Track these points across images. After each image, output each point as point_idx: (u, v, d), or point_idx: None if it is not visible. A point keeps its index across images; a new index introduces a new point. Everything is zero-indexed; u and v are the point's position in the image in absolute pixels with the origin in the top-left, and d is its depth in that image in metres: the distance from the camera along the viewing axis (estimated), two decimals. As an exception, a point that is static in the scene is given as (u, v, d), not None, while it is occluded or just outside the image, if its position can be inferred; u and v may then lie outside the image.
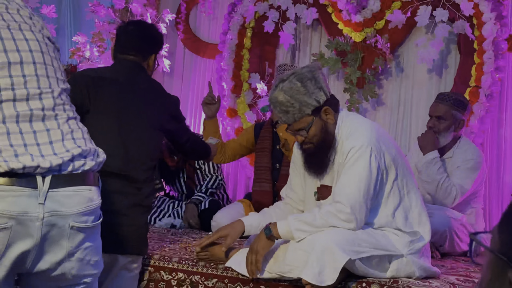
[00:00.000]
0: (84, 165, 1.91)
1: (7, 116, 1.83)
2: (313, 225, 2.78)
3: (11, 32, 1.92)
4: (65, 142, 1.90)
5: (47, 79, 1.93)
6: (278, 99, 2.85)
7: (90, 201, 1.92)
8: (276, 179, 4.14)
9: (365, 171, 2.80)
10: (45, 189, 1.82)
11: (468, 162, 3.88)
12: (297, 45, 5.45)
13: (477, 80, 4.55)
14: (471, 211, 3.96)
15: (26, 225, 1.80)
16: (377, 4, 4.89)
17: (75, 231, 1.88)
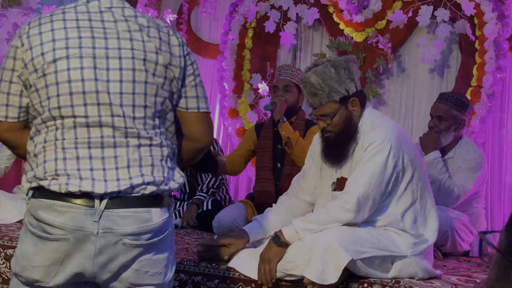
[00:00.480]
0: (145, 189, 2.01)
1: (79, 142, 1.98)
2: (317, 222, 2.79)
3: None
4: (131, 169, 2.00)
5: (120, 107, 1.99)
6: (310, 80, 2.87)
7: (146, 222, 2.01)
8: (278, 179, 4.13)
9: (380, 166, 2.81)
10: (101, 209, 1.96)
11: (469, 162, 3.88)
12: (298, 45, 5.45)
13: (479, 80, 4.55)
14: (472, 211, 3.96)
15: (82, 239, 1.96)
16: (378, 4, 4.89)
17: (129, 247, 2.00)
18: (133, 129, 2.01)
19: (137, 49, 2.02)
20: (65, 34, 2.00)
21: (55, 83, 1.98)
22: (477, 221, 3.96)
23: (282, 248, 2.82)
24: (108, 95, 1.98)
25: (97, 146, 1.99)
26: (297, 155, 3.91)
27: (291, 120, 4.12)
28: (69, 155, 1.98)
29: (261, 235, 3.10)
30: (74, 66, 1.98)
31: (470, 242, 3.82)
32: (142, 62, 2.01)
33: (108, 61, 2.00)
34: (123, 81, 2.00)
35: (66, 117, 1.98)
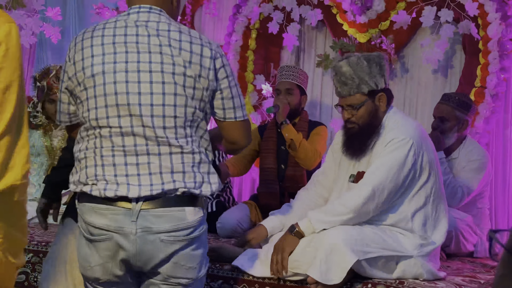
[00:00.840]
0: (177, 191, 2.17)
1: (115, 150, 2.16)
2: (333, 213, 2.80)
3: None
4: (163, 175, 2.17)
5: (151, 118, 2.16)
6: (342, 69, 2.93)
7: (180, 220, 2.18)
8: (282, 180, 4.13)
9: (400, 161, 2.84)
10: (137, 210, 2.15)
11: (473, 162, 3.88)
12: (301, 46, 5.45)
13: (482, 81, 4.54)
14: (476, 211, 3.95)
15: (123, 238, 2.15)
16: (382, 5, 4.88)
17: (167, 243, 2.17)
18: (163, 138, 2.16)
19: (166, 63, 2.16)
20: (102, 50, 2.16)
21: (93, 97, 2.16)
22: (481, 221, 3.96)
23: (296, 238, 2.84)
24: (139, 107, 2.15)
25: (131, 154, 2.17)
26: (301, 157, 3.91)
27: (294, 122, 4.12)
28: (107, 162, 2.17)
29: (278, 228, 3.14)
30: (108, 81, 2.15)
31: (474, 242, 3.81)
32: (171, 75, 2.16)
33: (139, 75, 2.15)
34: (153, 93, 2.15)
35: (103, 127, 2.17)
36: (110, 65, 2.16)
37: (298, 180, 4.05)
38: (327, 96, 5.31)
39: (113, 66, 2.16)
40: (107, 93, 2.15)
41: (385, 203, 2.85)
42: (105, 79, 2.15)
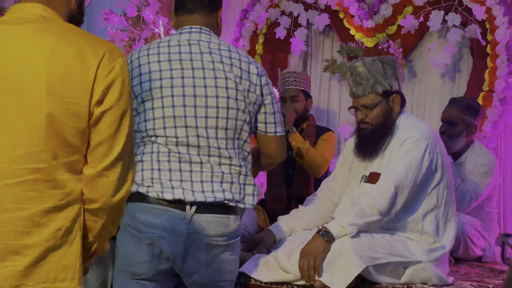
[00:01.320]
0: (224, 199, 2.37)
1: (171, 157, 2.36)
2: (361, 214, 2.78)
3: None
4: (214, 184, 2.37)
5: (205, 130, 2.37)
6: (357, 69, 2.97)
7: (225, 226, 2.39)
8: (289, 185, 4.13)
9: (417, 161, 2.85)
10: (191, 213, 2.35)
11: (481, 167, 3.87)
12: (308, 51, 5.45)
13: (490, 85, 4.53)
14: (485, 216, 3.94)
15: (174, 238, 2.34)
16: (389, 9, 4.88)
17: (211, 247, 2.37)
18: (215, 149, 2.37)
19: (220, 78, 2.37)
20: (159, 67, 2.37)
21: (151, 108, 2.36)
22: (489, 226, 3.94)
23: (328, 244, 2.76)
24: (195, 119, 2.35)
25: (186, 161, 2.36)
26: (308, 164, 3.91)
27: (301, 127, 4.12)
28: (163, 167, 2.36)
29: (286, 233, 3.15)
30: (166, 95, 2.35)
31: (482, 247, 3.80)
32: (224, 89, 2.37)
33: (195, 89, 2.36)
34: (208, 106, 2.36)
35: (159, 137, 2.36)
36: (167, 80, 2.36)
37: (306, 185, 4.05)
38: (334, 101, 5.30)
39: (170, 81, 2.36)
40: (164, 106, 2.35)
41: (404, 203, 2.85)
42: (163, 93, 2.36)
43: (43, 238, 1.67)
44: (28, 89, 1.66)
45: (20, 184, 1.66)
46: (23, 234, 1.66)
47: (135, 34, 5.68)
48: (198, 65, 2.38)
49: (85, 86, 1.68)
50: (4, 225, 1.66)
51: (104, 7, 5.74)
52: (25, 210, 1.66)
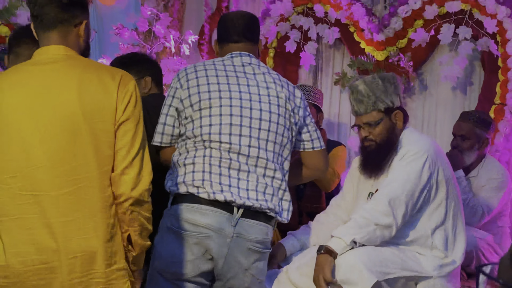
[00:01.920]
0: (266, 209, 2.56)
1: (222, 162, 2.55)
2: (356, 225, 2.77)
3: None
4: (258, 193, 2.56)
5: (257, 140, 2.59)
6: (358, 88, 3.00)
7: (265, 234, 2.59)
8: (300, 199, 4.11)
9: (415, 174, 2.84)
10: (238, 217, 2.54)
11: (493, 181, 3.85)
12: (319, 64, 5.46)
13: (502, 98, 4.52)
14: (497, 230, 3.91)
15: (220, 238, 2.52)
16: (400, 23, 4.88)
17: (252, 252, 2.56)
18: (263, 160, 2.58)
19: (273, 96, 2.64)
20: (217, 80, 2.61)
21: (208, 116, 2.56)
22: (502, 240, 3.92)
23: (327, 255, 2.72)
24: (249, 129, 2.57)
25: (234, 168, 2.55)
26: (319, 179, 3.89)
27: (313, 142, 4.11)
28: (214, 171, 2.54)
29: (297, 248, 3.15)
30: (225, 104, 2.57)
31: (495, 261, 3.77)
32: (276, 107, 2.62)
33: (251, 103, 2.59)
34: (262, 119, 2.59)
35: (213, 142, 2.55)
36: (225, 92, 2.59)
37: (317, 200, 4.03)
38: (345, 114, 5.30)
39: (228, 93, 2.59)
40: (222, 114, 2.56)
41: (405, 217, 2.83)
42: (221, 102, 2.57)
43: (100, 233, 2.12)
44: (68, 115, 2.10)
45: (74, 192, 2.10)
46: (85, 231, 2.10)
47: (146, 48, 5.71)
48: (253, 82, 2.64)
49: (110, 107, 2.13)
50: (67, 225, 2.09)
51: (115, 22, 5.78)
52: (81, 212, 2.10)
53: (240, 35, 2.76)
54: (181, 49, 5.72)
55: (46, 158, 2.09)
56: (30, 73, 2.16)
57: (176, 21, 5.95)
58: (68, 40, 2.21)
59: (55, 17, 2.18)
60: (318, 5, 5.13)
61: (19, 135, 2.10)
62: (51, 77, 2.13)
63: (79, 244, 2.10)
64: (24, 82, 2.14)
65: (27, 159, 2.09)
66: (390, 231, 2.81)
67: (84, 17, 2.25)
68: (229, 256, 2.54)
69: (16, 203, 2.09)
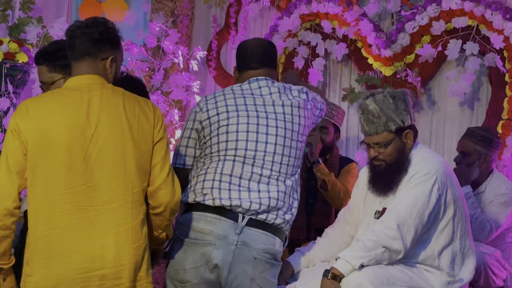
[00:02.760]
0: (276, 219, 2.68)
1: (234, 173, 2.69)
2: (365, 249, 2.76)
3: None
4: (267, 204, 2.67)
5: (272, 154, 2.73)
6: (369, 108, 2.95)
7: (272, 244, 2.68)
8: (310, 214, 4.11)
9: (424, 197, 2.81)
10: (242, 225, 2.64)
11: (501, 196, 3.85)
12: (327, 80, 5.48)
13: (510, 113, 4.52)
14: (506, 246, 3.90)
15: (224, 246, 2.61)
16: (407, 39, 4.90)
17: (258, 261, 2.64)
18: (276, 173, 2.71)
19: (287, 113, 2.78)
20: (235, 102, 2.77)
21: (225, 132, 2.72)
22: (510, 256, 3.91)
23: (335, 281, 2.75)
24: (265, 144, 2.71)
25: (246, 178, 2.69)
26: (332, 196, 3.90)
27: (325, 158, 4.11)
28: (224, 179, 2.68)
29: (304, 264, 3.11)
30: (242, 122, 2.73)
31: (503, 277, 3.76)
32: (290, 124, 2.76)
33: (267, 120, 2.74)
34: (277, 135, 2.73)
35: (228, 155, 2.70)
36: (243, 112, 2.75)
37: (327, 216, 4.03)
38: (353, 130, 5.31)
39: (246, 112, 2.75)
40: (239, 130, 2.72)
41: (414, 239, 2.82)
42: (239, 121, 2.73)
43: (142, 242, 2.42)
44: (120, 137, 2.40)
45: (125, 204, 2.39)
46: (133, 240, 2.39)
47: (155, 64, 5.75)
48: (268, 102, 2.79)
49: (150, 130, 2.46)
50: (121, 234, 2.37)
51: (124, 38, 5.80)
52: (129, 223, 2.39)
53: (259, 62, 2.89)
54: (190, 64, 5.76)
55: (100, 176, 2.37)
56: (72, 97, 2.41)
57: (184, 37, 5.99)
58: (97, 71, 2.48)
59: (84, 49, 2.46)
60: (326, 21, 5.16)
61: (70, 155, 2.35)
62: (98, 102, 2.41)
63: (128, 253, 2.38)
64: (70, 106, 2.39)
65: (83, 176, 2.35)
66: (398, 255, 2.80)
67: (112, 53, 2.50)
68: (234, 264, 2.61)
69: (73, 216, 2.34)
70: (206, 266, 2.64)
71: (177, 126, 5.77)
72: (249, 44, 2.97)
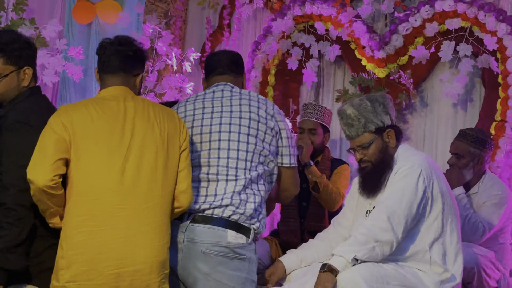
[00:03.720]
0: (223, 213, 2.75)
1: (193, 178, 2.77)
2: (357, 243, 2.78)
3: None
4: (212, 200, 2.77)
5: (227, 151, 2.84)
6: (346, 112, 3.02)
7: (221, 237, 2.73)
8: (303, 217, 4.11)
9: (410, 188, 2.85)
10: (187, 223, 2.76)
11: (494, 197, 3.85)
12: (320, 81, 5.48)
13: (503, 114, 4.53)
14: (498, 247, 3.91)
15: (173, 245, 2.70)
16: (400, 40, 4.91)
17: (208, 256, 2.71)
18: (223, 169, 2.79)
19: (244, 118, 2.87)
20: (202, 105, 2.93)
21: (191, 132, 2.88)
22: (503, 257, 3.91)
23: (330, 274, 2.76)
24: (218, 151, 2.84)
25: (196, 180, 2.80)
26: (324, 198, 3.90)
27: (317, 160, 4.11)
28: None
29: (296, 264, 3.12)
30: (206, 124, 2.88)
31: (497, 278, 3.77)
32: (247, 128, 2.85)
33: (221, 119, 2.87)
34: (230, 131, 2.83)
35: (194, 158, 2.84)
36: (199, 115, 2.91)
37: (320, 219, 4.03)
38: (347, 131, 5.30)
39: (210, 120, 2.88)
40: (203, 132, 2.87)
41: (404, 231, 2.84)
42: (203, 122, 2.90)
43: (167, 239, 2.63)
44: (154, 142, 2.63)
45: (157, 205, 2.60)
46: (160, 238, 2.59)
47: (148, 66, 5.74)
48: (227, 104, 2.92)
49: (177, 137, 2.71)
50: (151, 232, 2.56)
51: (117, 40, 5.79)
52: (159, 222, 2.59)
53: (225, 67, 3.06)
54: (183, 66, 5.75)
55: (137, 178, 2.58)
56: (109, 105, 2.66)
57: (177, 38, 5.99)
58: (128, 85, 2.75)
59: (119, 65, 2.72)
60: (319, 22, 5.16)
61: (109, 157, 2.57)
62: (132, 110, 2.66)
63: (157, 250, 2.57)
64: (108, 112, 2.63)
65: (120, 179, 2.55)
66: (390, 246, 2.82)
67: (142, 70, 2.83)
68: (184, 261, 2.73)
69: (111, 215, 2.52)
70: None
71: (171, 128, 5.75)
72: (216, 53, 3.20)
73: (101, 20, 6.19)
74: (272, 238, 4.19)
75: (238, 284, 2.73)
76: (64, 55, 5.46)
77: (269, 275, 3.12)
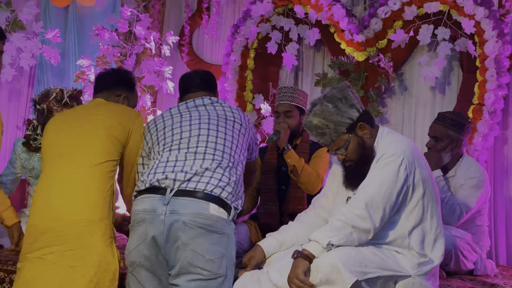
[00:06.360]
0: (206, 186, 2.86)
1: (169, 159, 2.96)
2: (334, 229, 2.78)
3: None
4: (192, 174, 2.88)
5: (205, 142, 3.01)
6: (313, 123, 2.96)
7: (203, 209, 2.82)
8: (283, 201, 4.12)
9: (391, 176, 2.83)
10: (170, 196, 2.84)
11: (471, 180, 3.88)
12: (300, 65, 5.48)
13: (480, 98, 4.56)
14: (476, 229, 3.94)
15: (155, 217, 2.82)
16: (379, 24, 4.92)
17: (188, 227, 2.79)
18: (202, 148, 2.96)
19: (213, 118, 3.06)
20: (179, 112, 3.12)
21: (163, 134, 3.08)
22: (481, 239, 3.95)
23: (303, 260, 2.75)
24: (198, 130, 3.03)
25: (172, 160, 2.95)
26: (303, 181, 3.90)
27: (295, 143, 4.11)
28: (160, 165, 2.95)
29: (275, 248, 3.11)
30: (176, 121, 3.08)
31: (474, 260, 3.80)
32: (216, 126, 3.04)
33: (200, 119, 3.06)
34: (209, 123, 3.05)
35: (173, 150, 3.00)
36: (177, 117, 3.11)
37: (299, 202, 4.04)
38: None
39: (179, 116, 3.10)
40: (173, 127, 3.07)
41: (383, 220, 2.84)
42: (173, 121, 3.10)
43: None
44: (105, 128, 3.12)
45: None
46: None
47: (127, 49, 5.70)
48: (203, 112, 3.11)
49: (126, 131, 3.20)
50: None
51: (95, 23, 5.75)
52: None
53: (198, 87, 3.24)
54: (162, 50, 5.72)
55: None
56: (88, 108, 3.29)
57: (156, 22, 5.95)
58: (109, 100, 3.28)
59: (104, 85, 3.33)
60: (299, 6, 5.15)
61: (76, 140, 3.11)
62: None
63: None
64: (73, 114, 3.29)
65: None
66: (367, 234, 2.82)
67: (126, 93, 3.37)
68: (166, 232, 2.80)
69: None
70: (144, 243, 2.84)
71: (149, 112, 5.73)
72: (189, 73, 3.37)
73: (78, 3, 6.12)
74: (251, 222, 4.20)
75: (216, 257, 2.81)
76: (41, 38, 5.41)
77: (248, 259, 3.13)
